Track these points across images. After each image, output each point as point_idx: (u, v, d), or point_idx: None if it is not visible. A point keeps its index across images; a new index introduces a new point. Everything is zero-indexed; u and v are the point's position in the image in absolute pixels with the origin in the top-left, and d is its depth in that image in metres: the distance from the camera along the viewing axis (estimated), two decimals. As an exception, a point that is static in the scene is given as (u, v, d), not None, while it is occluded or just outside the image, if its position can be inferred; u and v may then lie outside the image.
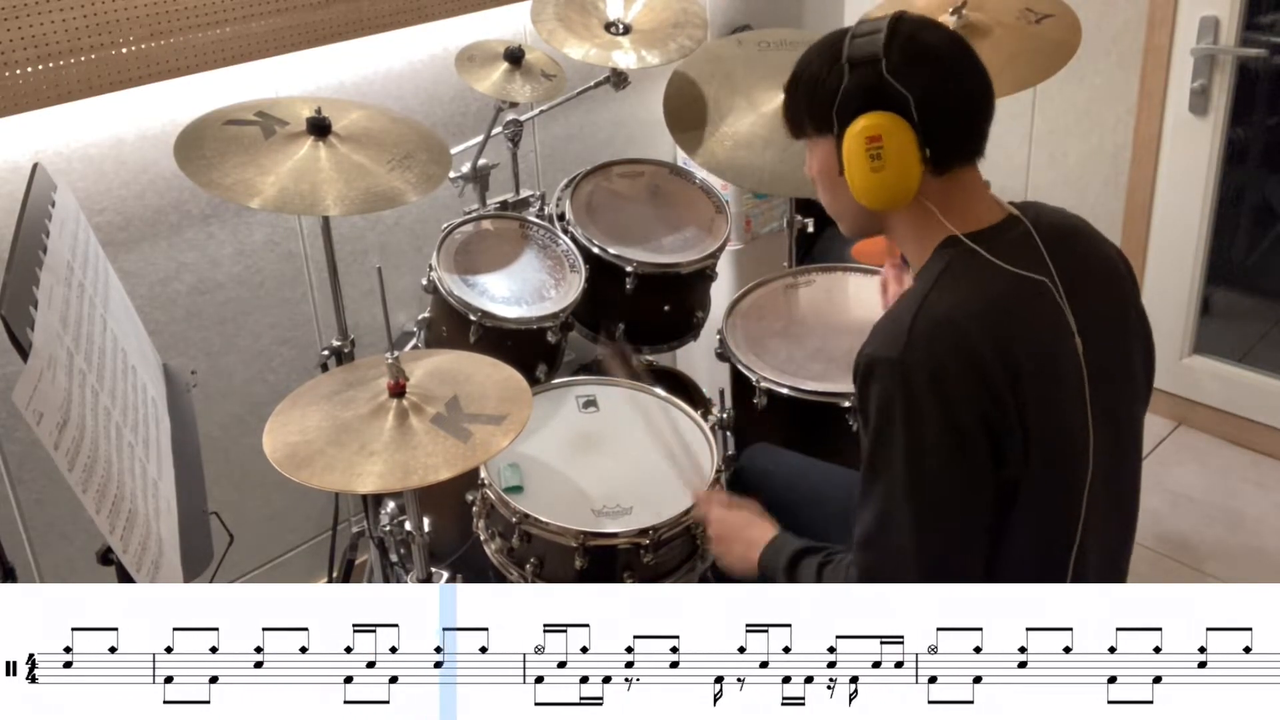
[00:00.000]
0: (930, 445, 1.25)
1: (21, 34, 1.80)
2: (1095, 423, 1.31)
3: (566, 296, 2.11)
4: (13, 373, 1.96)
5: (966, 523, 1.29)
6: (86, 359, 1.27)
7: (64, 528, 2.12)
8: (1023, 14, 2.09)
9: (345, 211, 1.74)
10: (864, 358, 1.30)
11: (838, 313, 2.21)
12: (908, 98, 1.27)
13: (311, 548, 2.55)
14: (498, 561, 1.84)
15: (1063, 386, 1.30)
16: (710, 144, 2.22)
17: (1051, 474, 1.30)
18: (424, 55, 2.45)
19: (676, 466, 1.82)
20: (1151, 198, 2.89)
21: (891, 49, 1.28)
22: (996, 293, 1.29)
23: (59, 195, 1.44)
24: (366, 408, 1.54)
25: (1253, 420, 2.91)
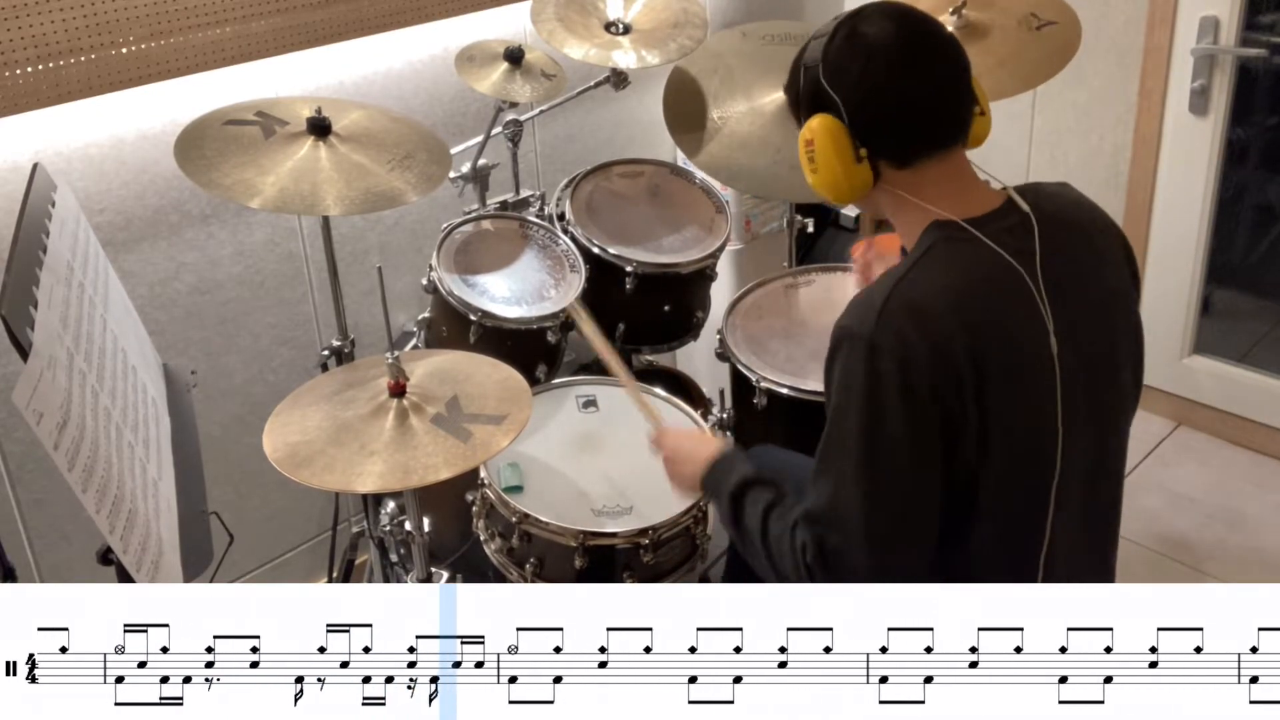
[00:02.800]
0: (886, 426, 1.26)
1: (21, 34, 1.80)
2: (1069, 421, 1.31)
3: (566, 296, 2.11)
4: (13, 373, 1.96)
5: (916, 509, 1.30)
6: (86, 359, 1.27)
7: (64, 528, 2.12)
8: (1026, 19, 2.10)
9: (345, 211, 1.74)
10: (837, 329, 1.33)
11: (838, 313, 2.18)
12: (836, 100, 1.32)
13: (311, 548, 2.55)
14: (498, 561, 1.84)
15: (1033, 381, 1.30)
16: (710, 145, 2.22)
17: (1017, 469, 1.30)
18: (424, 55, 2.44)
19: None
20: (1151, 198, 2.89)
21: (829, 51, 1.33)
22: (973, 279, 1.30)
23: (59, 195, 1.44)
24: (366, 408, 1.54)
25: (1253, 420, 2.91)
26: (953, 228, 1.32)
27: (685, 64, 2.31)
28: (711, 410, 2.16)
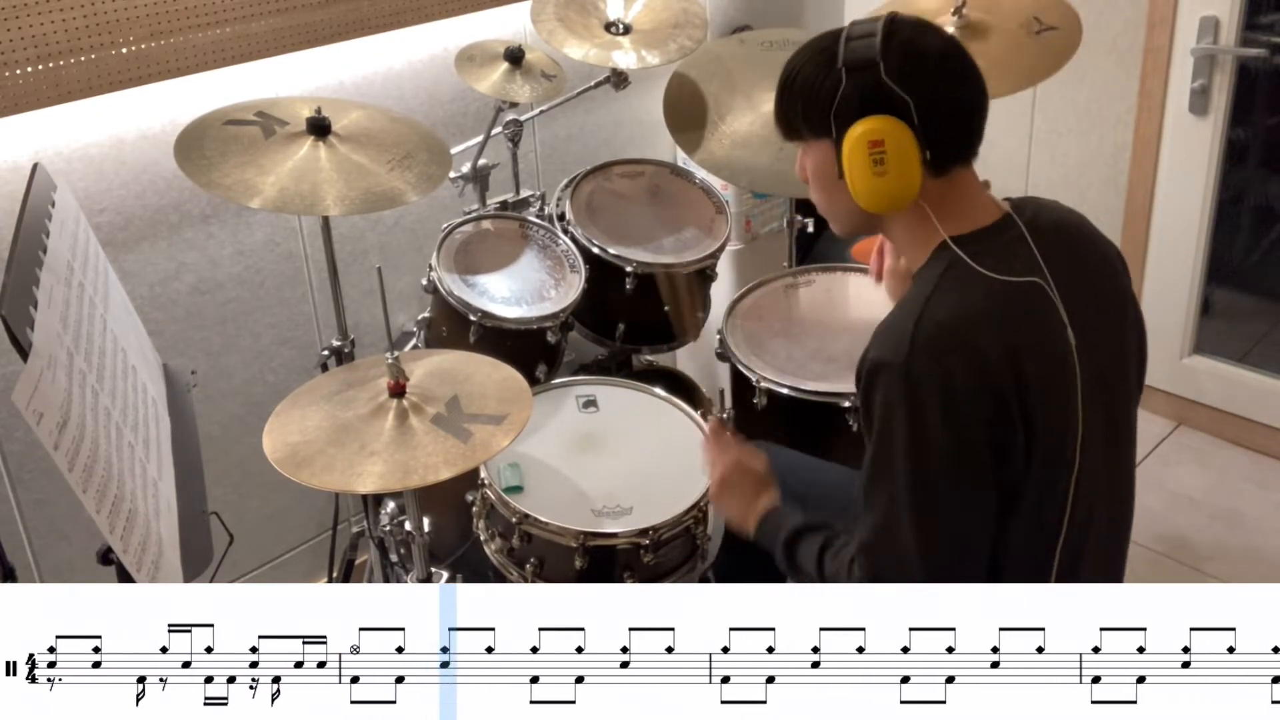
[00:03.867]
0: (934, 449, 1.25)
1: (21, 34, 1.80)
2: (1088, 423, 1.31)
3: (566, 296, 2.11)
4: (13, 373, 1.96)
5: (970, 526, 1.29)
6: (86, 359, 1.27)
7: (64, 528, 2.12)
8: (1028, 22, 2.10)
9: (345, 211, 1.74)
10: (867, 363, 1.30)
11: (838, 313, 2.21)
12: (908, 101, 1.27)
13: (311, 548, 2.55)
14: (498, 561, 1.84)
15: (1064, 388, 1.30)
16: (710, 144, 2.22)
17: (1048, 474, 1.31)
18: (424, 55, 2.44)
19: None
20: (1151, 198, 2.89)
21: (888, 52, 1.28)
22: (999, 295, 1.29)
23: (59, 195, 1.44)
24: (366, 408, 1.54)
25: (1253, 420, 2.91)
26: (966, 243, 1.31)
27: (685, 67, 2.31)
28: (711, 410, 2.15)
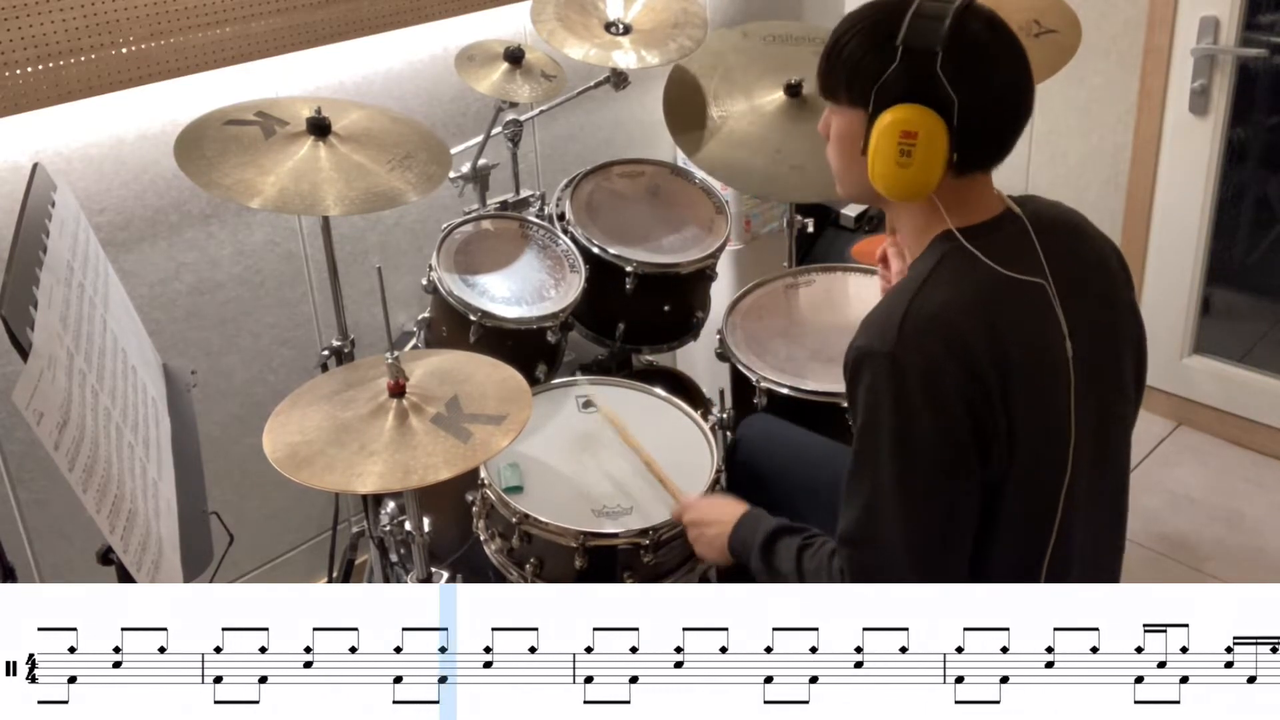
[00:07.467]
0: (918, 440, 1.24)
1: (21, 34, 1.80)
2: (1080, 423, 1.31)
3: (566, 296, 2.11)
4: (13, 373, 1.96)
5: (954, 518, 1.29)
6: (86, 359, 1.27)
7: (64, 528, 2.12)
8: (1027, 25, 2.11)
9: (345, 211, 1.74)
10: (854, 351, 1.29)
11: (838, 313, 2.21)
12: (954, 100, 1.22)
13: (311, 548, 2.55)
14: (498, 561, 1.84)
15: (1052, 385, 1.30)
16: (710, 143, 2.22)
17: (1035, 473, 1.30)
18: (424, 55, 2.45)
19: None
20: (1151, 198, 2.89)
21: (952, 44, 1.22)
22: (990, 289, 1.28)
23: (59, 195, 1.44)
24: (366, 408, 1.54)
25: (1253, 420, 2.91)
26: (967, 236, 1.30)
27: (685, 63, 2.31)
28: (711, 410, 2.16)
